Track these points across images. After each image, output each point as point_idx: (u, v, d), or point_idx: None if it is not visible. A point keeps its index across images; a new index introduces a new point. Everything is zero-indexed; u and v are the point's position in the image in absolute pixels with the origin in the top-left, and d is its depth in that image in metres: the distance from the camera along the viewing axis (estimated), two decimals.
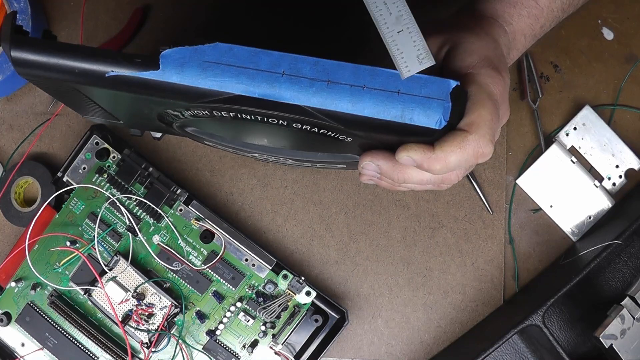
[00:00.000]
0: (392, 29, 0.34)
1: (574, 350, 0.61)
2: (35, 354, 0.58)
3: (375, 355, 0.62)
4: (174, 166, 0.63)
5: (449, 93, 0.35)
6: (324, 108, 0.34)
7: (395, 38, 0.34)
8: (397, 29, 0.34)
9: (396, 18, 0.34)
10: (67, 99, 0.45)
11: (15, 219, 0.60)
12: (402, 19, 0.34)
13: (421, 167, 0.38)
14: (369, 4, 0.34)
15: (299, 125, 0.37)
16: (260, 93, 0.34)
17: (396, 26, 0.34)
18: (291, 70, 0.34)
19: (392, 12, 0.34)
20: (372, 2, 0.34)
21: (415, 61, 0.34)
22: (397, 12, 0.34)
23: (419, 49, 0.34)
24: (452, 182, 0.43)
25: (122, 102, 0.41)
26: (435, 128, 0.35)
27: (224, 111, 0.37)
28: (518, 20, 0.46)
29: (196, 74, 0.34)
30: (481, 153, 0.38)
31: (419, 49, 0.34)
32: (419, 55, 0.34)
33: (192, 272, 0.58)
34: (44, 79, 0.36)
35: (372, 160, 0.41)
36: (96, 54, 0.34)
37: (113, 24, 0.64)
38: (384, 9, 0.34)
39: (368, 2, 0.34)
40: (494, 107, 0.38)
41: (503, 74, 0.40)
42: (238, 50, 0.35)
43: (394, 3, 0.34)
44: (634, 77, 0.65)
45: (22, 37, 0.34)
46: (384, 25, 0.34)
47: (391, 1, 0.34)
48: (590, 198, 0.63)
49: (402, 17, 0.34)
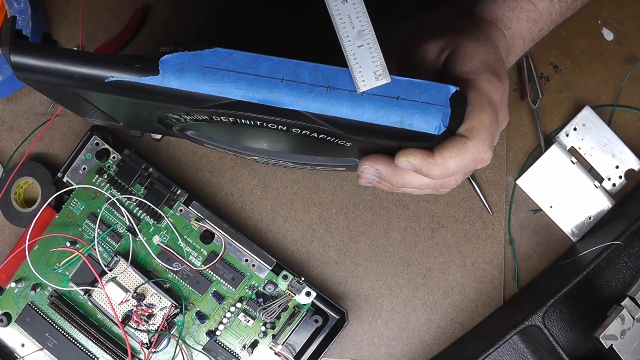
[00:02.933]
0: (353, 43, 0.34)
1: (574, 350, 0.61)
2: (35, 355, 0.58)
3: (375, 355, 0.62)
4: (174, 166, 0.63)
5: (448, 99, 0.35)
6: (324, 114, 0.34)
7: (356, 52, 0.34)
8: (358, 43, 0.34)
9: (358, 32, 0.34)
10: (67, 102, 0.45)
11: (15, 220, 0.60)
12: (364, 34, 0.34)
13: (420, 172, 0.38)
14: (333, 15, 0.34)
15: (299, 130, 0.37)
16: (259, 99, 0.34)
17: (357, 40, 0.34)
18: (290, 75, 0.34)
19: (355, 26, 0.34)
20: (337, 14, 0.34)
21: (372, 77, 0.34)
22: (360, 26, 0.34)
23: (376, 65, 0.34)
24: (451, 187, 0.43)
25: (121, 105, 0.41)
26: (435, 134, 0.35)
27: (223, 116, 0.37)
28: (517, 24, 0.46)
29: (195, 79, 0.34)
30: (480, 159, 0.38)
31: (376, 65, 0.34)
32: (376, 71, 0.34)
33: (192, 273, 0.58)
34: (44, 83, 0.36)
35: (371, 165, 0.41)
36: (96, 59, 0.34)
37: (113, 24, 0.64)
38: (347, 22, 0.34)
39: (333, 13, 0.34)
40: (493, 112, 0.38)
41: (502, 79, 0.41)
42: (237, 55, 0.35)
43: (357, 17, 0.34)
44: (634, 77, 0.65)
45: (21, 41, 0.34)
46: (345, 38, 0.34)
47: (355, 15, 0.34)
48: (590, 198, 0.63)
49: (364, 32, 0.34)
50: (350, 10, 0.34)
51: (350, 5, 0.34)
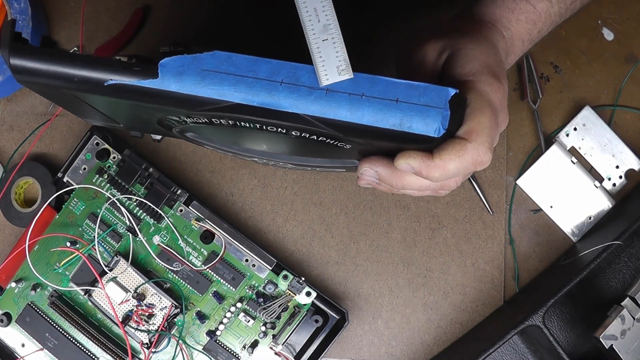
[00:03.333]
0: (317, 36, 0.34)
1: (574, 350, 0.61)
2: (36, 355, 0.58)
3: (375, 355, 0.62)
4: (174, 166, 0.63)
5: (447, 101, 0.35)
6: (323, 116, 0.34)
7: (320, 46, 0.34)
8: (322, 37, 0.34)
9: (324, 26, 0.34)
10: (66, 104, 0.45)
11: (16, 220, 0.60)
12: (329, 28, 0.34)
13: (420, 175, 0.38)
14: (300, 8, 0.34)
15: (298, 133, 0.37)
16: (259, 101, 0.34)
17: (322, 34, 0.34)
18: (290, 78, 0.34)
19: (321, 19, 0.34)
20: (303, 6, 0.34)
21: (335, 72, 0.34)
22: (326, 20, 0.34)
23: (340, 60, 0.34)
24: (450, 189, 0.43)
25: (121, 108, 0.41)
26: (434, 136, 0.35)
27: (222, 119, 0.37)
28: (516, 25, 0.46)
29: (195, 82, 0.34)
30: (480, 161, 0.38)
31: (340, 60, 0.34)
32: (339, 66, 0.34)
33: (193, 273, 0.58)
34: (43, 86, 0.36)
35: (371, 167, 0.41)
36: (95, 62, 0.34)
37: (113, 25, 0.64)
38: (313, 15, 0.34)
39: (299, 6, 0.34)
40: (493, 114, 0.38)
41: (502, 80, 0.41)
42: (237, 58, 0.34)
43: (323, 11, 0.34)
44: (634, 77, 0.65)
45: (21, 45, 0.34)
46: (310, 31, 0.34)
47: (321, 9, 0.34)
48: (590, 198, 0.63)
49: (329, 26, 0.34)
50: (317, 4, 0.34)
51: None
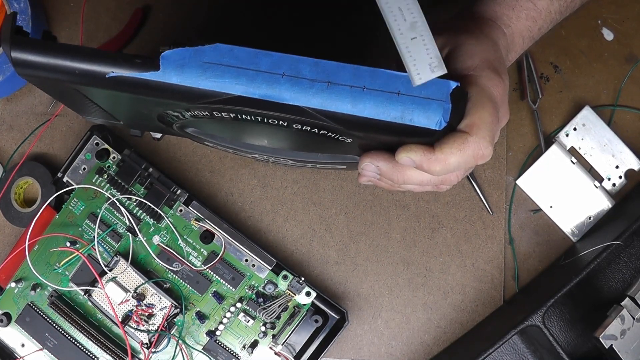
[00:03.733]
0: (405, 36, 0.34)
1: (574, 350, 0.61)
2: (35, 355, 0.58)
3: (375, 355, 0.62)
4: (174, 166, 0.63)
5: (449, 94, 0.35)
6: (324, 109, 0.34)
7: (409, 45, 0.34)
8: (410, 35, 0.34)
9: (411, 24, 0.33)
10: (67, 99, 0.45)
11: (15, 220, 0.60)
12: (416, 26, 0.33)
13: (421, 168, 0.38)
14: (384, 9, 0.33)
15: (299, 126, 0.37)
16: (260, 94, 0.34)
17: (410, 33, 0.33)
18: (291, 71, 0.34)
19: (407, 18, 0.33)
20: (387, 8, 0.33)
21: (427, 69, 0.34)
22: (412, 18, 0.33)
23: (431, 57, 0.34)
24: (451, 183, 0.43)
25: (122, 102, 0.41)
26: (435, 129, 0.35)
27: (224, 112, 0.37)
28: (517, 23, 0.46)
29: (196, 74, 0.34)
30: (481, 155, 0.38)
31: (431, 57, 0.34)
32: (432, 63, 0.34)
33: (192, 273, 0.58)
34: (44, 79, 0.36)
35: (372, 161, 0.41)
36: (97, 55, 0.34)
37: (113, 25, 0.64)
38: (398, 15, 0.33)
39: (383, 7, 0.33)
40: (494, 109, 0.39)
41: (503, 76, 0.41)
42: (238, 51, 0.35)
43: (409, 9, 0.33)
44: (634, 77, 0.65)
45: (22, 37, 0.34)
46: (397, 31, 0.34)
47: (406, 7, 0.33)
48: (590, 198, 0.63)
49: (416, 24, 0.33)
50: (400, 3, 0.33)
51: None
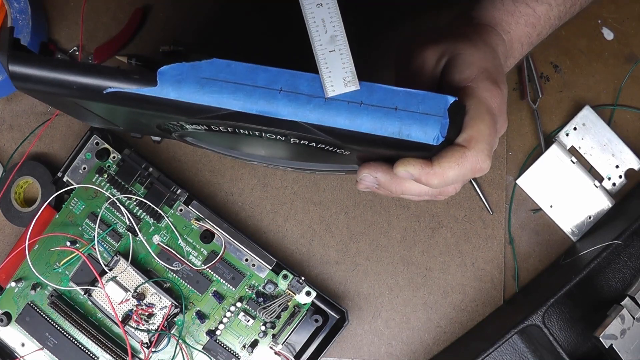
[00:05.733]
0: (324, 47, 0.34)
1: (574, 350, 0.61)
2: (35, 354, 0.58)
3: (375, 355, 0.62)
4: (174, 166, 0.63)
5: (446, 109, 0.35)
6: (322, 124, 0.34)
7: (327, 57, 0.34)
8: (329, 48, 0.34)
9: (331, 37, 0.34)
10: (65, 108, 0.45)
11: (16, 219, 0.60)
12: (336, 39, 0.34)
13: (419, 181, 0.38)
14: (307, 18, 0.33)
15: (297, 140, 0.37)
16: (257, 109, 0.34)
17: (329, 45, 0.34)
18: (288, 86, 0.34)
19: (328, 30, 0.33)
20: (310, 17, 0.33)
21: (341, 83, 0.34)
22: (333, 31, 0.34)
23: (346, 72, 0.34)
24: (449, 194, 0.43)
25: (120, 113, 0.41)
26: (433, 144, 0.35)
27: (221, 126, 0.37)
28: (516, 29, 0.46)
29: (193, 90, 0.34)
30: (479, 168, 0.38)
31: (346, 72, 0.34)
32: (346, 77, 0.34)
33: (192, 272, 0.58)
34: (42, 93, 0.36)
35: (370, 173, 0.41)
36: (94, 70, 0.34)
37: (113, 24, 0.64)
38: (320, 26, 0.33)
39: (307, 16, 0.33)
40: (492, 121, 0.38)
41: (501, 85, 0.40)
42: (235, 66, 0.34)
43: (331, 22, 0.33)
44: (634, 77, 0.65)
45: (20, 52, 0.34)
46: (317, 42, 0.34)
47: (329, 20, 0.33)
48: (590, 198, 0.63)
49: (336, 38, 0.34)
50: (325, 14, 0.33)
51: (324, 9, 0.33)
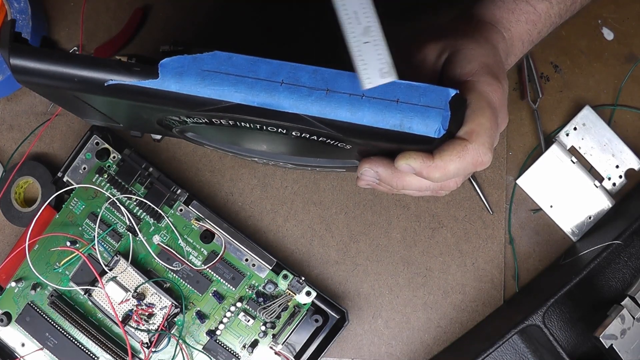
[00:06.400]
0: (358, 39, 0.33)
1: (574, 350, 0.61)
2: (36, 354, 0.58)
3: (375, 355, 0.62)
4: (174, 166, 0.63)
5: (448, 102, 0.35)
6: (323, 117, 0.34)
7: (361, 48, 0.33)
8: (363, 39, 0.33)
9: (364, 29, 0.33)
10: (66, 104, 0.45)
11: (16, 219, 0.60)
12: (370, 31, 0.33)
13: (420, 175, 0.38)
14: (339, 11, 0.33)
15: (298, 133, 0.37)
16: (259, 102, 0.34)
17: (363, 37, 0.33)
18: (290, 79, 0.34)
19: (362, 22, 0.33)
20: (342, 9, 0.33)
21: (377, 74, 0.33)
22: (367, 23, 0.33)
23: (382, 63, 0.34)
24: (450, 189, 0.43)
25: (121, 108, 0.41)
26: (434, 137, 0.35)
27: (222, 119, 0.37)
28: (516, 26, 0.46)
29: (195, 82, 0.34)
30: (480, 161, 0.38)
31: (382, 63, 0.34)
32: (382, 69, 0.34)
33: (192, 272, 0.58)
34: (43, 86, 0.36)
35: (371, 167, 0.41)
36: (95, 63, 0.34)
37: (113, 24, 0.64)
38: (353, 18, 0.33)
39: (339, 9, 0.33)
40: (493, 115, 0.39)
41: (502, 81, 0.41)
42: (237, 58, 0.34)
43: (364, 13, 0.33)
44: (634, 77, 0.65)
45: (21, 45, 0.34)
46: (351, 34, 0.33)
47: (362, 11, 0.33)
48: (590, 198, 0.63)
49: (370, 29, 0.33)
50: (356, 6, 0.33)
51: (356, 1, 0.33)
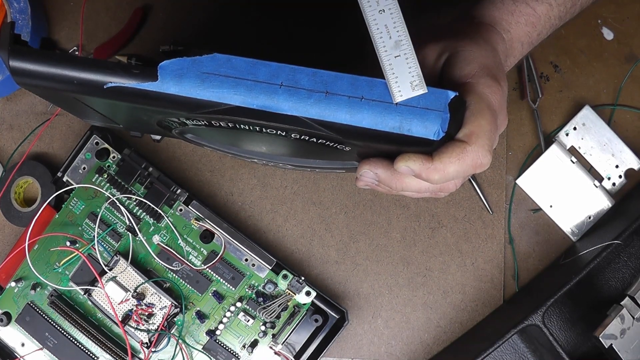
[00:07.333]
0: (390, 53, 0.34)
1: (573, 350, 0.61)
2: (35, 354, 0.58)
3: (375, 355, 0.62)
4: (174, 166, 0.63)
5: (447, 104, 0.35)
6: (322, 119, 0.34)
7: (392, 62, 0.34)
8: (394, 53, 0.34)
9: (395, 42, 0.34)
10: (66, 105, 0.45)
11: (15, 219, 0.60)
12: (401, 44, 0.34)
13: (419, 177, 0.38)
14: (370, 25, 0.34)
15: (298, 135, 0.37)
16: (258, 104, 0.34)
17: (394, 50, 0.34)
18: (289, 81, 0.34)
19: (392, 36, 0.34)
20: (373, 24, 0.34)
21: (409, 87, 0.34)
22: (397, 36, 0.34)
23: (413, 76, 0.34)
24: (449, 191, 0.43)
25: (121, 109, 0.41)
26: (434, 139, 0.35)
27: (222, 121, 0.37)
28: (516, 28, 0.46)
29: (194, 85, 0.34)
30: (479, 163, 0.38)
31: (413, 76, 0.34)
32: (413, 82, 0.34)
33: (192, 272, 0.58)
34: (42, 88, 0.36)
35: (370, 169, 0.41)
36: (95, 65, 0.34)
37: (113, 24, 0.64)
38: (384, 32, 0.34)
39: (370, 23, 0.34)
40: (492, 117, 0.38)
41: (501, 82, 0.41)
42: (236, 61, 0.34)
43: (394, 27, 0.34)
44: (634, 77, 0.65)
45: (20, 47, 0.34)
46: (382, 48, 0.34)
47: (392, 25, 0.34)
48: (590, 198, 0.63)
49: (401, 43, 0.34)
50: (388, 20, 0.34)
51: (387, 15, 0.33)
